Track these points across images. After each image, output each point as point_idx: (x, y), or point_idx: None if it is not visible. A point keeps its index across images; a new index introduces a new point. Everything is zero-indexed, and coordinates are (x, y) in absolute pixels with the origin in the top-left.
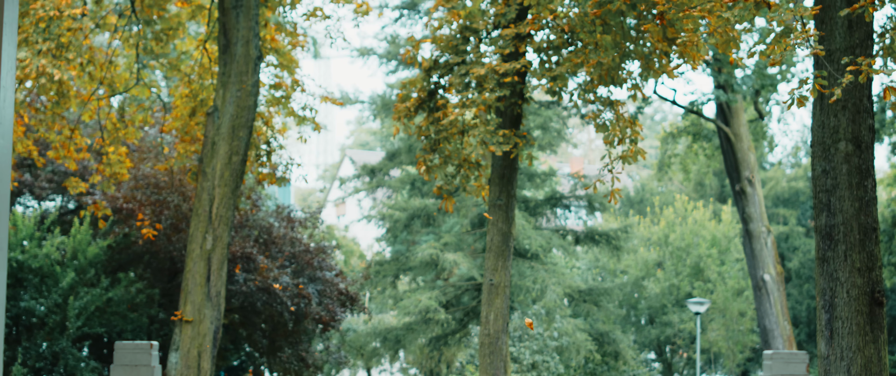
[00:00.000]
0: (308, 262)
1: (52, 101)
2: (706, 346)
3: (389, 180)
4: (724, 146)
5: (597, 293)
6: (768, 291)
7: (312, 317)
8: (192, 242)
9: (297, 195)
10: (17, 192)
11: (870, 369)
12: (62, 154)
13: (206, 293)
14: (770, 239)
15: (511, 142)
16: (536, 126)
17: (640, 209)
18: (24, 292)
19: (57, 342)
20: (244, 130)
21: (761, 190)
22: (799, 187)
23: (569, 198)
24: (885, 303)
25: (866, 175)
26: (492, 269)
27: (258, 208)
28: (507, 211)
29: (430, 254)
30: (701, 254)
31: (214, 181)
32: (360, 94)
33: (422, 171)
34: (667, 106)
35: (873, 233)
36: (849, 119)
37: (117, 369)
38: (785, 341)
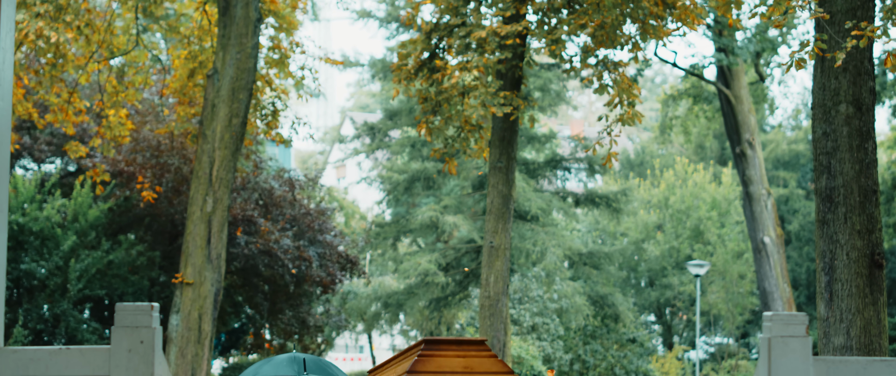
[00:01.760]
0: (309, 225)
1: (50, 64)
2: (706, 308)
3: (389, 142)
4: (724, 108)
5: (597, 255)
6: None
7: (313, 280)
8: (192, 205)
9: (298, 158)
10: (17, 155)
11: (869, 331)
12: (60, 117)
13: (206, 255)
14: (770, 201)
15: (512, 104)
16: (537, 87)
17: (641, 171)
18: (24, 254)
19: (58, 304)
20: (244, 93)
21: (761, 152)
22: (799, 150)
23: (569, 160)
24: (884, 266)
25: (867, 137)
26: (492, 232)
27: (260, 170)
28: (507, 173)
29: (430, 216)
30: (701, 217)
31: (215, 144)
32: (360, 56)
33: (423, 133)
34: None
35: (873, 196)
36: (849, 81)
37: (118, 330)
38: (784, 303)
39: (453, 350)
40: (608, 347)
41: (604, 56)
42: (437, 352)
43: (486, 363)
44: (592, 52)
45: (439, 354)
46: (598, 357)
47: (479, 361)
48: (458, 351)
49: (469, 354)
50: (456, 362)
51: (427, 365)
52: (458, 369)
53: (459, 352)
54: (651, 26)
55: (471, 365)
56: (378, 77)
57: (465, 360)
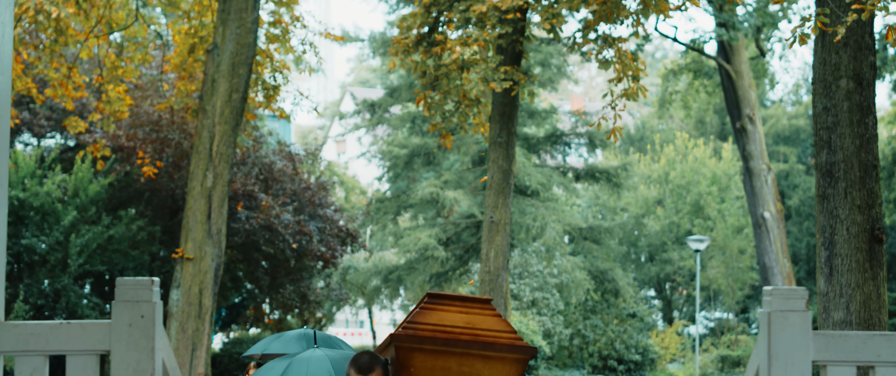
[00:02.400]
0: (309, 199)
1: (50, 39)
2: (706, 283)
3: (389, 117)
4: (724, 83)
5: (597, 230)
6: (768, 229)
7: (314, 254)
8: (192, 180)
9: (298, 132)
10: (16, 130)
11: (869, 306)
12: (60, 92)
13: (206, 230)
14: (770, 176)
15: (512, 78)
16: (537, 62)
17: (641, 146)
18: (25, 230)
19: (58, 279)
20: (244, 68)
21: (762, 127)
22: (799, 125)
23: (569, 135)
24: (884, 241)
25: (867, 112)
26: (492, 206)
27: (260, 145)
28: (507, 148)
29: (430, 191)
30: (701, 192)
31: (214, 119)
32: (360, 31)
33: (422, 107)
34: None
35: (874, 171)
36: (850, 56)
37: (118, 305)
38: (784, 278)
39: (457, 306)
40: (608, 322)
41: (604, 31)
42: (439, 306)
43: (488, 321)
44: (593, 27)
45: (441, 308)
46: (597, 332)
47: (482, 319)
48: (462, 307)
49: (472, 311)
50: (458, 317)
51: (428, 317)
52: (460, 324)
53: (462, 308)
54: (652, 1)
55: (473, 321)
56: (378, 52)
57: (467, 317)
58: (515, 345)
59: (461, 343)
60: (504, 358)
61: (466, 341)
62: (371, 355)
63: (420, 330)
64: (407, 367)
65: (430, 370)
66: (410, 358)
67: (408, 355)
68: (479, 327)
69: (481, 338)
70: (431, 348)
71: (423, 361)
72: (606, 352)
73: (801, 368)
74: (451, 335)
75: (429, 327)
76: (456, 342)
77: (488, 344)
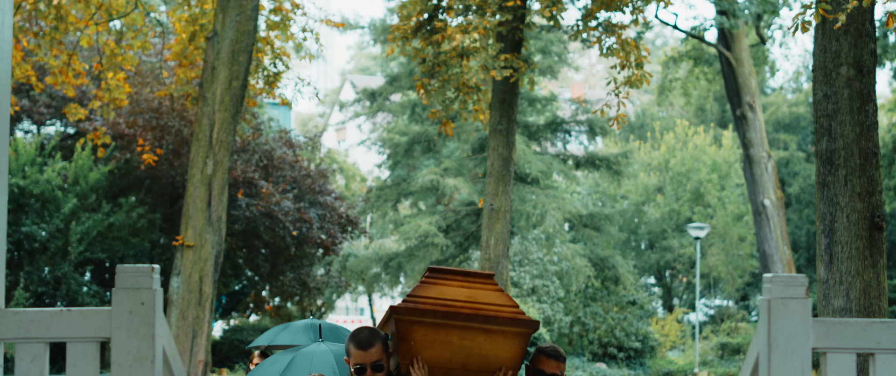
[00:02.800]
0: (309, 187)
1: (50, 26)
2: (706, 271)
3: (390, 105)
4: (725, 71)
5: (597, 218)
6: (768, 216)
7: (314, 241)
8: (192, 167)
9: (298, 120)
10: (16, 118)
11: (868, 293)
12: (60, 80)
13: (207, 218)
14: (770, 164)
15: (512, 66)
16: (537, 50)
17: (641, 134)
18: (25, 217)
19: (59, 266)
20: (244, 55)
21: (762, 115)
22: (800, 112)
23: (570, 122)
24: (884, 228)
25: (867, 99)
26: (492, 194)
27: (260, 132)
28: (507, 135)
29: (430, 179)
30: (701, 179)
31: (215, 106)
32: (360, 18)
33: (421, 95)
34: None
35: (874, 158)
36: (851, 43)
37: (119, 292)
38: (784, 266)
39: (458, 280)
40: (608, 309)
41: (605, 18)
42: (440, 281)
43: (491, 295)
44: (593, 14)
45: (443, 282)
46: (598, 319)
47: (484, 293)
48: (464, 281)
49: (474, 285)
50: (459, 291)
51: (429, 291)
52: (461, 298)
53: (464, 283)
54: None
55: (475, 296)
56: (378, 40)
57: (469, 291)
58: (517, 319)
59: (462, 316)
60: (506, 332)
61: (468, 314)
62: (370, 330)
63: (421, 303)
64: (407, 340)
65: (431, 343)
66: (411, 332)
67: (408, 328)
68: (481, 301)
69: (483, 312)
70: (432, 321)
71: (423, 334)
72: (606, 340)
73: (801, 355)
74: (453, 308)
75: (430, 300)
76: (457, 315)
77: (490, 318)
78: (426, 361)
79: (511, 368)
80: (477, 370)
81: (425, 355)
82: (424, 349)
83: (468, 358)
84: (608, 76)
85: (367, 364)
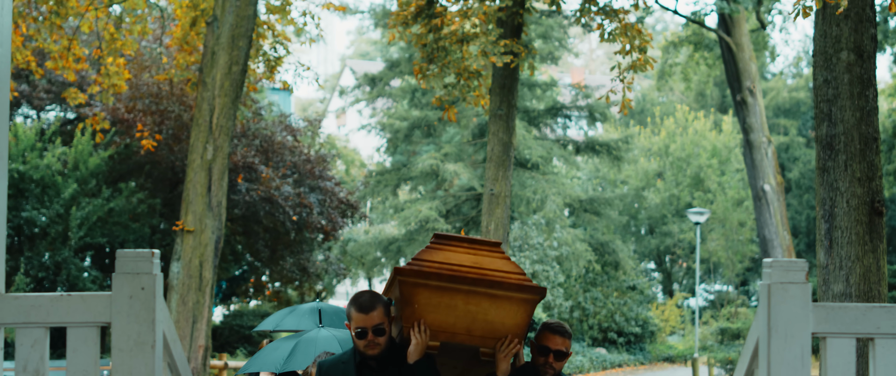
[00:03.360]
0: (309, 172)
1: (50, 11)
2: (706, 256)
3: (390, 90)
4: (725, 56)
5: (597, 203)
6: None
7: (314, 226)
8: (192, 152)
9: (298, 105)
10: (16, 103)
11: (868, 278)
12: (61, 65)
13: (207, 203)
14: (771, 149)
15: (512, 51)
16: (538, 35)
17: (641, 119)
18: (25, 202)
19: (59, 252)
20: (244, 40)
21: (762, 100)
22: (800, 97)
23: (570, 108)
24: (884, 213)
25: (868, 85)
26: (492, 179)
27: (260, 117)
28: (507, 121)
29: (430, 164)
30: (701, 165)
31: (214, 91)
32: (360, 2)
33: (419, 80)
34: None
35: (874, 143)
36: (851, 28)
37: (119, 277)
38: (784, 251)
39: (465, 246)
40: (608, 294)
41: (606, 3)
42: (446, 246)
43: (497, 262)
44: None
45: (449, 248)
46: (598, 304)
47: (491, 260)
48: (470, 248)
49: (480, 252)
50: (465, 257)
51: (434, 255)
52: (467, 263)
53: (470, 249)
54: None
55: (481, 262)
56: (379, 25)
57: (475, 257)
58: (524, 285)
59: (468, 280)
60: (511, 298)
61: (473, 279)
62: (372, 293)
63: (426, 266)
64: (411, 303)
65: (435, 307)
66: (414, 294)
67: (412, 290)
68: (488, 267)
69: (489, 277)
70: (437, 284)
71: (427, 298)
72: (606, 325)
73: (801, 340)
74: (458, 272)
75: (435, 264)
76: (463, 279)
77: (496, 283)
78: (429, 325)
79: (516, 335)
80: (481, 336)
81: (429, 319)
82: (428, 312)
83: (473, 323)
84: (609, 61)
85: (368, 327)
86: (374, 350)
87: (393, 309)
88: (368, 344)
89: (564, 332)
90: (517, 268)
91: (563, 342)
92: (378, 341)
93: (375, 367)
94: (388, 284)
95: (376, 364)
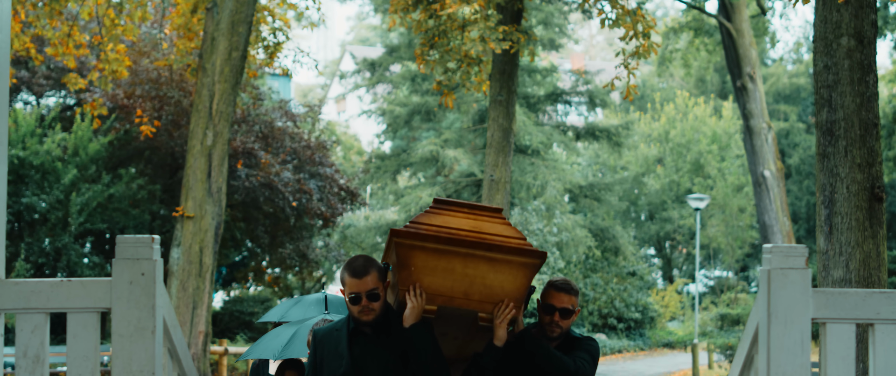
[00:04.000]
0: (309, 158)
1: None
2: (706, 242)
3: (390, 76)
4: (725, 42)
5: (597, 189)
6: (768, 187)
7: (314, 213)
8: (192, 138)
9: (298, 91)
10: (15, 89)
11: (868, 264)
12: (61, 51)
13: (207, 189)
14: (771, 135)
15: (511, 38)
16: (539, 22)
17: (641, 105)
18: (25, 188)
19: (59, 238)
20: (244, 26)
21: (762, 86)
22: (800, 83)
23: (570, 93)
24: (884, 199)
25: (868, 70)
26: (492, 165)
27: (260, 103)
28: (507, 107)
29: (430, 150)
30: (701, 151)
31: (214, 77)
32: None
33: (420, 66)
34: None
35: (874, 129)
36: (851, 14)
37: (119, 262)
38: (784, 237)
39: (464, 211)
40: (608, 280)
41: None
42: (446, 211)
43: (497, 227)
44: None
45: (448, 213)
46: (598, 290)
47: (491, 225)
48: (470, 213)
49: (481, 217)
50: (465, 222)
51: (433, 219)
52: (466, 227)
53: (470, 214)
54: None
55: (480, 226)
56: (379, 10)
57: (475, 222)
58: (524, 249)
59: (466, 243)
60: (511, 262)
61: (471, 242)
62: (366, 258)
63: (423, 229)
64: (407, 266)
65: (432, 270)
66: (411, 257)
67: (408, 253)
68: (487, 231)
69: (487, 240)
70: (434, 247)
71: (424, 260)
72: (606, 310)
73: (801, 325)
74: (456, 235)
75: (433, 227)
76: (460, 242)
77: (495, 246)
78: (426, 288)
79: (515, 300)
80: (479, 300)
81: (425, 282)
82: (425, 275)
83: (470, 287)
84: (609, 47)
85: (362, 292)
86: (369, 315)
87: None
88: (362, 310)
89: (570, 289)
90: (518, 232)
91: (570, 299)
92: (372, 306)
93: (370, 334)
94: (386, 248)
95: (371, 330)
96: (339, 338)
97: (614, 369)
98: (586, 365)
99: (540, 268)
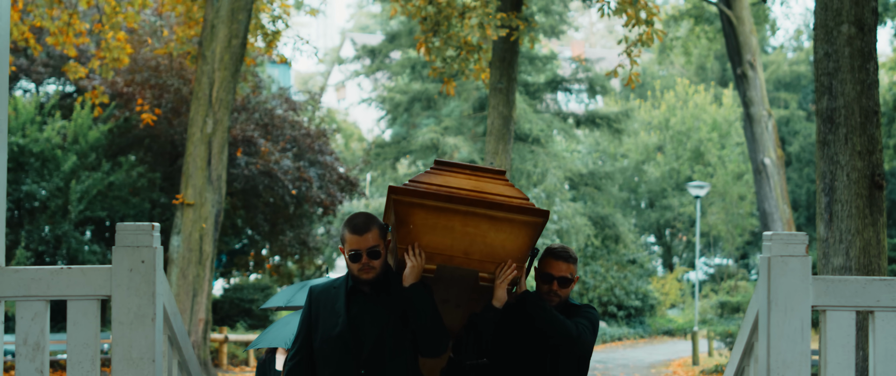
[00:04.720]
0: (309, 146)
1: None
2: (706, 230)
3: (390, 63)
4: (725, 29)
5: (597, 177)
6: (768, 175)
7: (313, 201)
8: (192, 126)
9: (298, 79)
10: (14, 77)
11: (868, 252)
12: (61, 40)
13: (207, 176)
14: (771, 122)
15: (510, 25)
16: (539, 9)
17: (641, 93)
18: (25, 176)
19: (59, 225)
20: (243, 13)
21: (763, 73)
22: (800, 71)
23: (570, 81)
24: (884, 187)
25: (868, 58)
26: (492, 153)
27: (260, 90)
28: (507, 94)
29: (430, 137)
30: (701, 138)
31: (214, 64)
32: None
33: (422, 52)
34: None
35: (874, 117)
36: (852, 1)
37: (119, 250)
38: (784, 224)
39: (466, 172)
40: (608, 268)
41: None
42: (447, 171)
43: (499, 187)
44: None
45: (449, 173)
46: (598, 278)
47: (492, 185)
48: (472, 174)
49: (482, 178)
50: (465, 181)
51: (434, 179)
52: (467, 187)
53: (472, 174)
54: None
55: (482, 186)
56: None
57: (476, 181)
58: (525, 207)
59: (466, 201)
60: (513, 221)
61: (472, 200)
62: (367, 215)
63: (422, 186)
64: (406, 224)
65: (432, 228)
66: (410, 214)
67: (407, 210)
68: (488, 191)
69: (488, 199)
70: (433, 204)
71: (424, 218)
72: (607, 298)
73: (801, 313)
74: (456, 193)
75: (433, 185)
76: (460, 199)
77: (496, 205)
78: (425, 247)
79: (516, 259)
80: (480, 259)
81: (425, 240)
82: (424, 233)
83: (471, 245)
84: (610, 35)
85: (362, 249)
86: (369, 273)
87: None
88: (363, 268)
89: (568, 257)
90: (520, 193)
91: (568, 267)
92: (373, 264)
93: (369, 293)
94: (386, 208)
95: (370, 289)
96: (337, 296)
97: (614, 356)
98: (587, 331)
99: (543, 228)
